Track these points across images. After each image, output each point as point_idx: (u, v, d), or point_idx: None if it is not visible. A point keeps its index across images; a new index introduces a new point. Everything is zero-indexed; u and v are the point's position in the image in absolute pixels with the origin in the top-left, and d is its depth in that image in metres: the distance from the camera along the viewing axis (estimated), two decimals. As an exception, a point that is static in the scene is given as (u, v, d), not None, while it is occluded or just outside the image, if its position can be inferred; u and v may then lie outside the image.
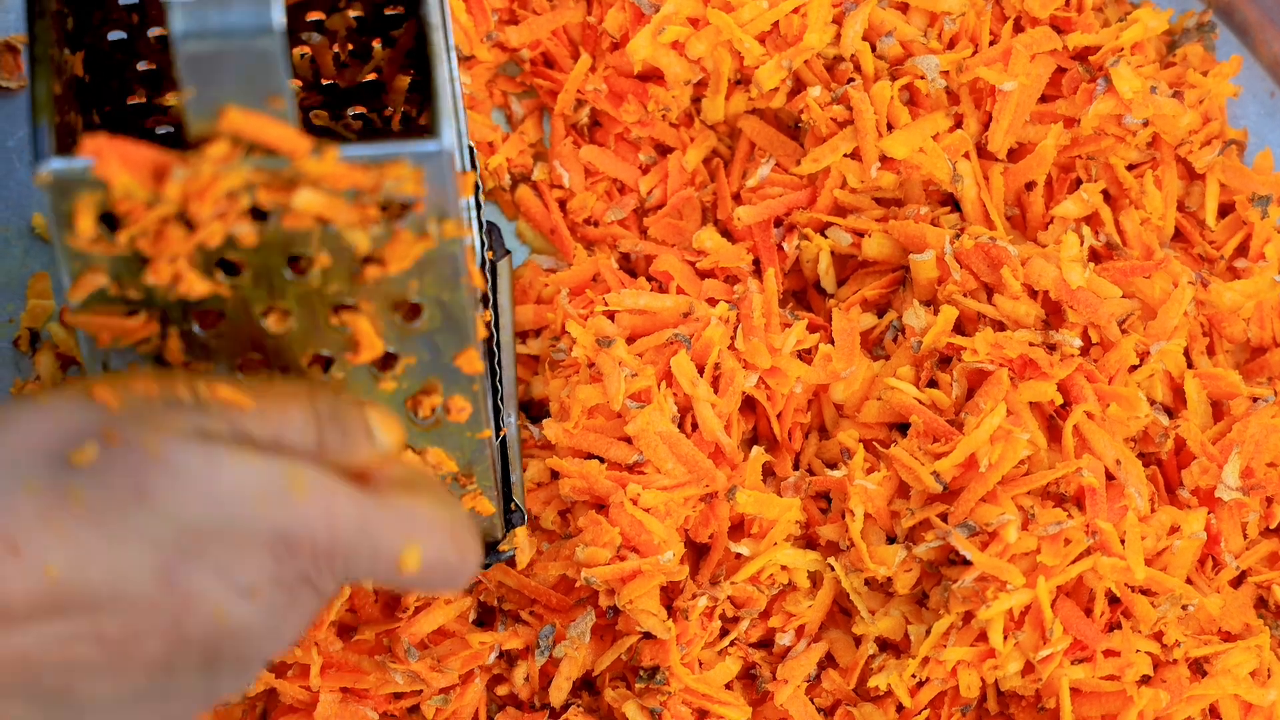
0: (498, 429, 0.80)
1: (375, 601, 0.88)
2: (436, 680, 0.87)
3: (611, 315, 0.90)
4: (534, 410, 0.92)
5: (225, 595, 0.63)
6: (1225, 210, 0.95)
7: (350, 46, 0.77)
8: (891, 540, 0.88)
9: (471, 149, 0.84)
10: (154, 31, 0.73)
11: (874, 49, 0.93)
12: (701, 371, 0.88)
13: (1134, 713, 0.85)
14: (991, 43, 0.93)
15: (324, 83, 0.77)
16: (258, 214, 0.64)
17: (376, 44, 0.76)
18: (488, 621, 0.90)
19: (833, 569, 0.88)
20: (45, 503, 0.62)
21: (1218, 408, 0.91)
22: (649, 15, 0.92)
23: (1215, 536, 0.88)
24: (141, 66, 0.73)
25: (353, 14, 0.76)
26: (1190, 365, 0.91)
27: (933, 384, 0.89)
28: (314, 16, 0.76)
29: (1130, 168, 0.93)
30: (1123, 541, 0.86)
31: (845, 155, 0.91)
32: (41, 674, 0.62)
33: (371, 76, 0.77)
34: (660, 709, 0.86)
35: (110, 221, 0.64)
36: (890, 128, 0.91)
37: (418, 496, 0.68)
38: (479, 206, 0.82)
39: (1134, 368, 0.89)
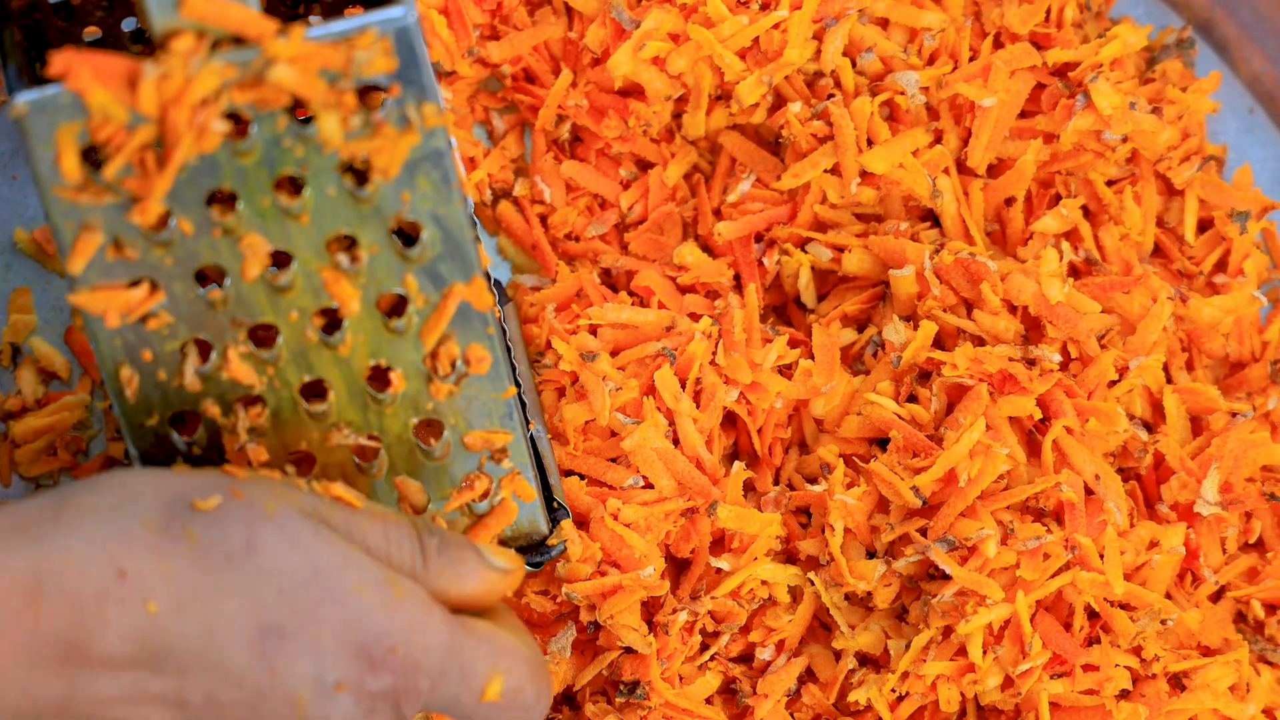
0: (525, 424, 0.80)
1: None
2: (416, 695, 0.87)
3: (594, 330, 0.90)
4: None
5: (311, 684, 0.63)
6: (1204, 226, 0.95)
7: None
8: (871, 555, 0.89)
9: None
10: None
11: (854, 65, 0.93)
12: (683, 386, 0.88)
13: (1113, 727, 0.85)
14: (971, 59, 0.93)
15: None
16: (237, 134, 0.65)
17: None
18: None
19: (813, 584, 0.89)
20: (159, 538, 0.62)
21: (1197, 423, 0.91)
22: (630, 31, 0.92)
23: (1194, 551, 0.89)
24: None
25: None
26: (1169, 380, 0.92)
27: (912, 399, 0.90)
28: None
29: (1110, 183, 0.94)
30: (1102, 556, 0.86)
31: (825, 171, 0.92)
32: None
33: None
34: (640, 724, 0.86)
35: (95, 166, 0.64)
36: (870, 143, 0.91)
37: (502, 629, 0.70)
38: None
39: (1113, 383, 0.89)
